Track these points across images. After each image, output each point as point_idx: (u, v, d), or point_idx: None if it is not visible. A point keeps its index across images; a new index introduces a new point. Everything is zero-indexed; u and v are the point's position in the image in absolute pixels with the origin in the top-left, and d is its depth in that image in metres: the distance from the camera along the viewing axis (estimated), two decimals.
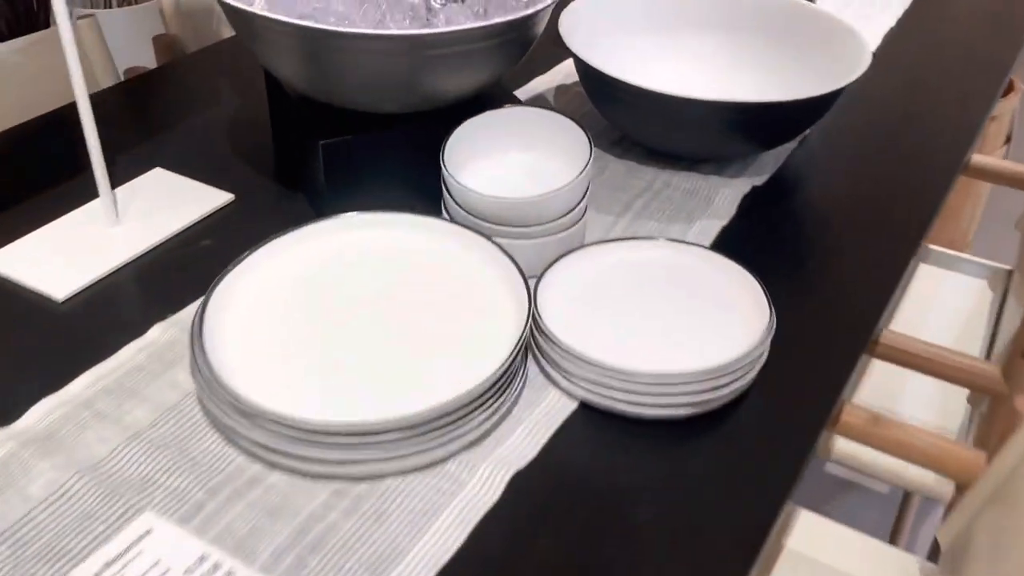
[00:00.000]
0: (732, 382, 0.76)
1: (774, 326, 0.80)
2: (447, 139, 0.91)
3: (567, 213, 0.89)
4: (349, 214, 0.88)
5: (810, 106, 1.01)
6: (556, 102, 1.25)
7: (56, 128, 1.14)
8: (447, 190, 0.90)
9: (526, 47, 0.95)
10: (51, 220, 0.96)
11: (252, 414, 0.68)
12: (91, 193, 1.01)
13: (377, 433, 0.68)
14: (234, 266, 0.81)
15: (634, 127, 1.07)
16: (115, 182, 1.04)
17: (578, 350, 0.76)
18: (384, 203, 0.97)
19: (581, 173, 0.87)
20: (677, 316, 0.82)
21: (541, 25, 0.95)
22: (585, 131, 0.92)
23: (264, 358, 0.75)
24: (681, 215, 1.02)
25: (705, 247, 0.88)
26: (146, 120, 1.17)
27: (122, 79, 1.42)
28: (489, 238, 0.85)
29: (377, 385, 0.73)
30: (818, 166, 1.13)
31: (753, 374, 0.78)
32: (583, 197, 0.91)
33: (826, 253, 0.98)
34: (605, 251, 0.88)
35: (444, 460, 0.72)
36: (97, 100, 1.22)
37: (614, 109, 1.07)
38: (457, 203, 0.89)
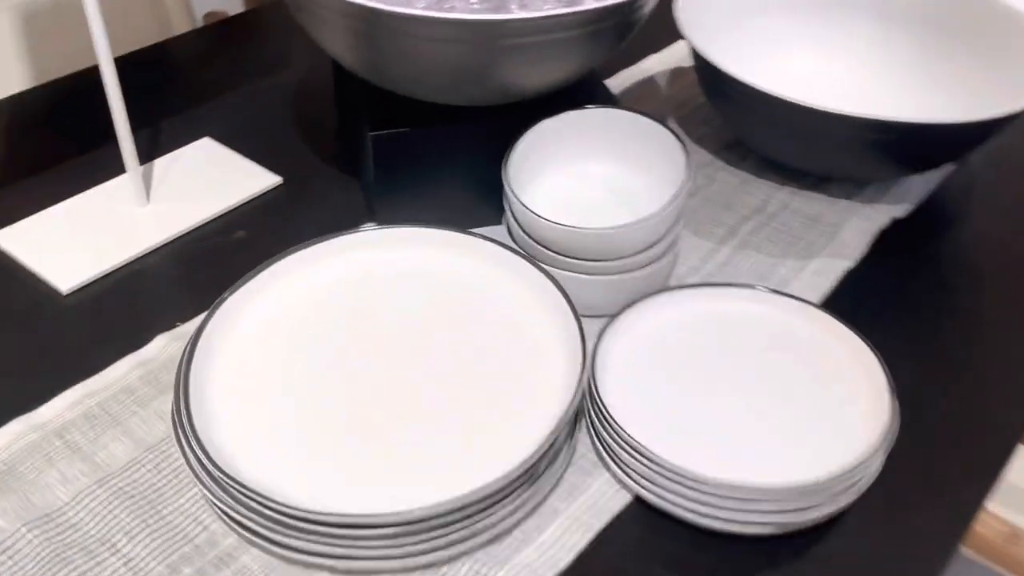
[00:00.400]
0: (829, 503, 0.60)
1: (896, 430, 0.62)
2: (512, 146, 0.75)
3: (649, 248, 0.72)
4: (376, 231, 0.74)
5: (981, 129, 0.81)
6: (667, 89, 1.07)
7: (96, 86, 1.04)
8: (508, 207, 0.75)
9: (625, 35, 0.78)
10: (75, 194, 0.86)
11: (228, 486, 0.56)
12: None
13: (372, 527, 0.55)
14: (235, 290, 0.68)
15: (753, 134, 0.89)
16: (159, 150, 0.93)
17: (636, 438, 0.61)
18: (441, 207, 0.83)
19: (672, 201, 0.71)
20: (770, 398, 0.65)
21: (648, 6, 0.78)
22: (684, 146, 0.75)
23: (255, 412, 0.62)
24: (797, 248, 0.84)
25: (817, 306, 0.70)
26: (207, 78, 1.06)
27: (199, 24, 1.31)
28: (548, 273, 0.70)
29: (383, 457, 0.60)
30: (980, 198, 0.92)
31: (858, 492, 0.61)
32: (672, 228, 0.74)
33: (979, 321, 0.78)
34: (690, 299, 0.72)
35: (453, 560, 0.59)
36: (157, 53, 1.11)
37: (731, 110, 0.89)
38: (518, 223, 0.74)
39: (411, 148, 0.78)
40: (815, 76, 1.02)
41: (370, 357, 0.66)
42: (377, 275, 0.72)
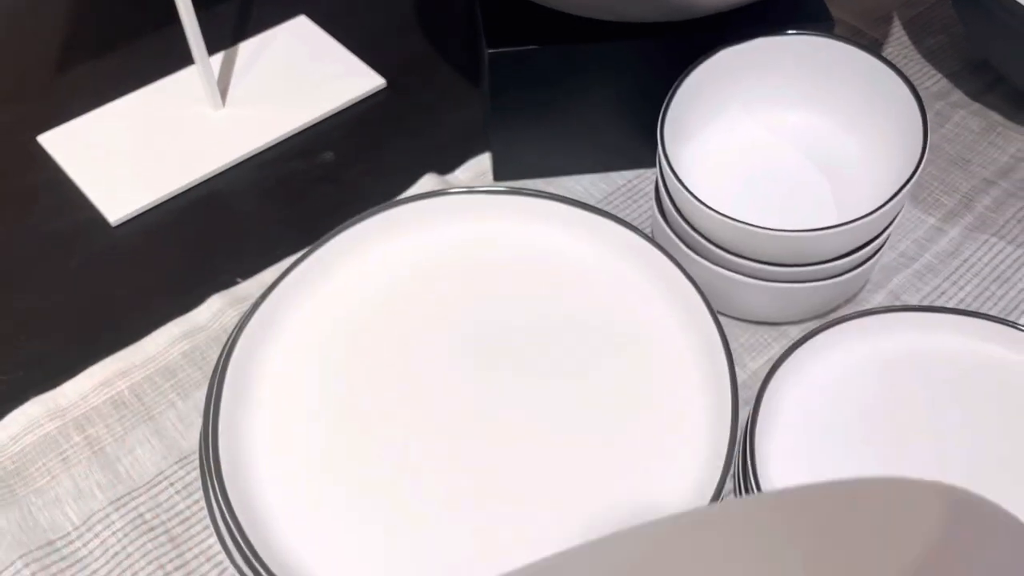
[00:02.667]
0: None
1: None
2: (676, 86, 0.55)
3: (851, 253, 0.52)
4: (461, 196, 0.55)
5: None
6: (902, 13, 0.81)
7: None
8: (661, 176, 0.55)
9: None
10: (136, 87, 0.71)
11: (256, 565, 0.42)
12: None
13: None
14: (269, 293, 0.51)
15: (1009, 52, 0.64)
16: (246, 28, 0.76)
17: None
18: (574, 146, 0.64)
19: (898, 192, 0.50)
20: (998, 477, 0.46)
21: None
22: (921, 104, 0.52)
23: (302, 471, 0.47)
24: None
25: None
26: None
27: None
28: (696, 285, 0.51)
29: (458, 536, 0.45)
30: None
31: None
32: (890, 225, 0.53)
33: None
34: (904, 327, 0.52)
35: None
36: None
37: (989, 33, 0.64)
38: (672, 202, 0.54)
39: (538, 71, 0.59)
40: None
41: (450, 385, 0.50)
42: (461, 259, 0.55)
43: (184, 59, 0.72)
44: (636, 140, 0.64)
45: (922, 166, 0.50)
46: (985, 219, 0.63)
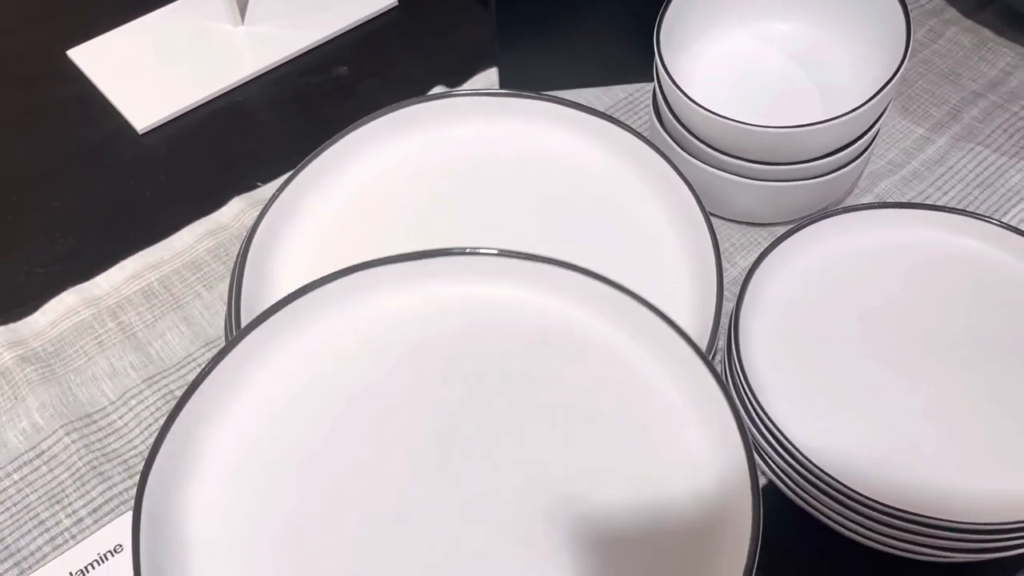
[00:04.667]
0: None
1: None
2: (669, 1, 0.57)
3: (838, 152, 0.55)
4: (458, 97, 0.58)
5: None
6: None
7: None
8: (657, 80, 0.58)
9: None
10: (159, 5, 0.74)
11: None
12: None
13: None
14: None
15: None
16: None
17: (789, 435, 0.47)
18: (579, 57, 0.66)
19: (883, 89, 0.52)
20: (988, 379, 0.49)
21: None
22: (906, 11, 0.55)
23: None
24: None
25: None
26: None
27: None
28: (689, 184, 0.54)
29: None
30: None
31: None
32: (874, 126, 0.56)
33: None
34: (883, 223, 0.55)
35: None
36: None
37: None
38: (668, 105, 0.57)
39: None
40: None
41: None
42: (468, 156, 0.57)
43: None
44: (637, 55, 0.66)
45: (904, 66, 0.53)
46: (972, 129, 0.65)
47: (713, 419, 0.44)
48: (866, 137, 0.56)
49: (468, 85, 0.69)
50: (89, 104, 0.69)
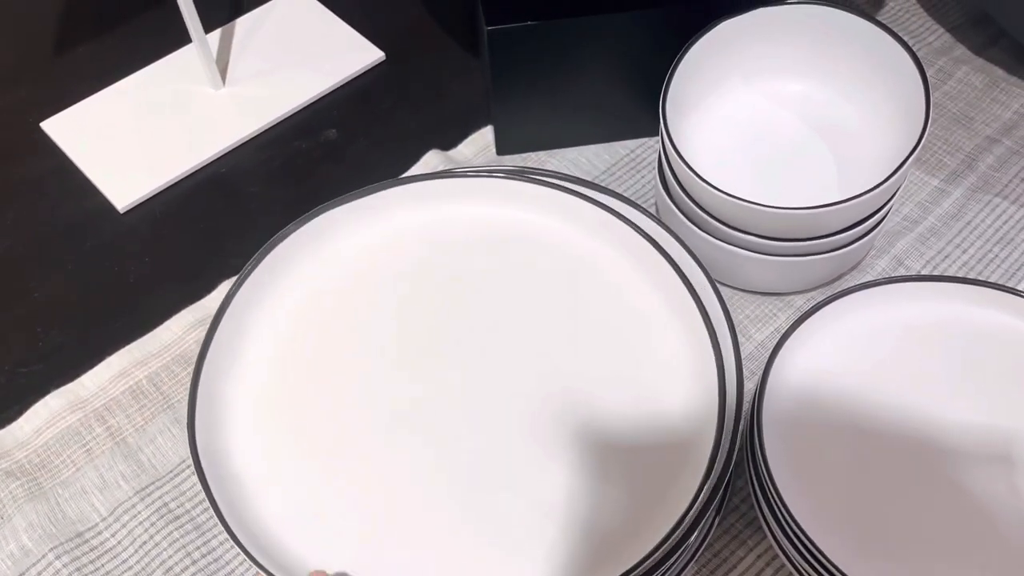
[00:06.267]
0: None
1: None
2: (678, 60, 0.55)
3: (853, 227, 0.53)
4: (443, 179, 0.54)
5: None
6: None
7: None
8: (663, 152, 0.55)
9: None
10: (136, 68, 0.71)
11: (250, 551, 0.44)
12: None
13: None
14: (256, 264, 0.52)
15: (1011, 4, 0.64)
16: (244, 4, 0.76)
17: (815, 539, 0.45)
18: (577, 118, 0.64)
19: (901, 166, 0.50)
20: (1000, 446, 0.47)
21: None
22: (923, 74, 0.52)
23: (292, 463, 0.47)
24: None
25: None
26: None
27: None
28: (690, 288, 0.50)
29: (451, 532, 0.46)
30: None
31: None
32: (892, 198, 0.54)
33: None
34: (908, 298, 0.52)
35: None
36: None
37: None
38: (676, 177, 0.54)
39: (538, 45, 0.59)
40: None
41: (438, 371, 0.50)
42: (450, 242, 0.54)
43: (182, 37, 0.71)
44: (638, 110, 0.64)
45: (924, 138, 0.50)
46: (988, 179, 0.63)
47: (689, 328, 0.49)
48: (884, 209, 0.53)
49: (463, 146, 0.66)
50: (66, 180, 0.65)
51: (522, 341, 0.51)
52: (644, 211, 0.53)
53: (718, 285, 0.51)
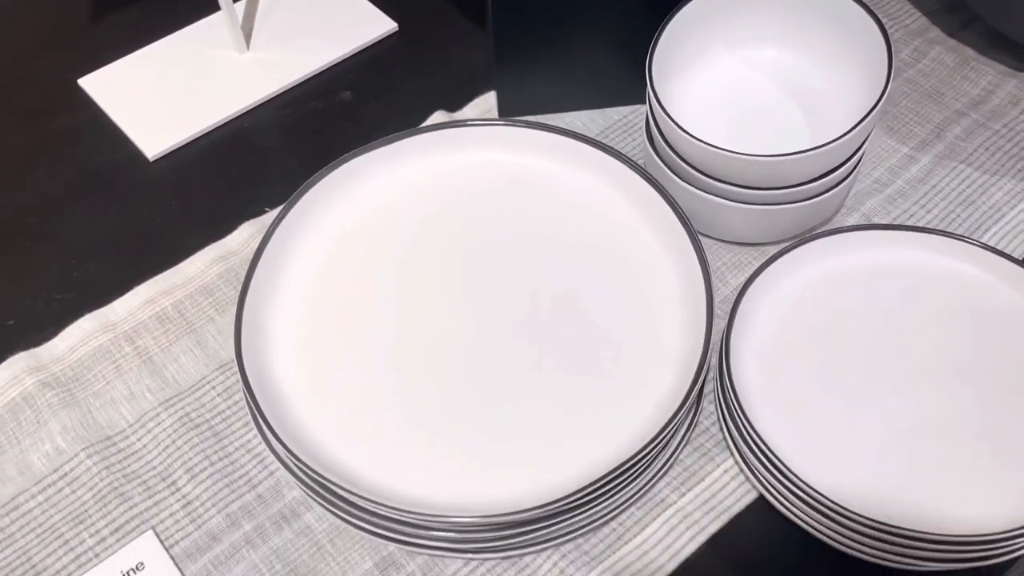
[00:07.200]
0: (1008, 553, 0.48)
1: None
2: (663, 25, 0.60)
3: (823, 176, 0.57)
4: (458, 129, 0.61)
5: None
6: None
7: None
8: (650, 109, 0.60)
9: None
10: (167, 32, 0.77)
11: (294, 464, 0.49)
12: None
13: (446, 529, 0.47)
14: (298, 198, 0.58)
15: (990, 4, 0.69)
16: None
17: (772, 444, 0.49)
18: (576, 81, 0.69)
19: (865, 118, 0.55)
20: (960, 399, 0.52)
21: None
22: (888, 41, 0.57)
23: (323, 360, 0.54)
24: None
25: None
26: None
27: None
28: (682, 217, 0.56)
29: (460, 430, 0.51)
30: None
31: None
32: (859, 151, 0.59)
33: None
34: (866, 244, 0.57)
35: (536, 552, 0.51)
36: None
37: None
38: (660, 132, 0.60)
39: (539, 12, 0.64)
40: None
41: (452, 295, 0.56)
42: (462, 187, 0.61)
43: (210, 5, 0.77)
44: (631, 77, 0.69)
45: (886, 95, 0.55)
46: (955, 148, 0.68)
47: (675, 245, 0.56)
48: (851, 161, 0.58)
49: (467, 109, 0.71)
50: (100, 132, 0.71)
51: (529, 266, 0.57)
52: (634, 164, 0.58)
53: (698, 235, 0.56)
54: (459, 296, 0.56)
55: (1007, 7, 0.68)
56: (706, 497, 0.53)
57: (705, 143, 0.55)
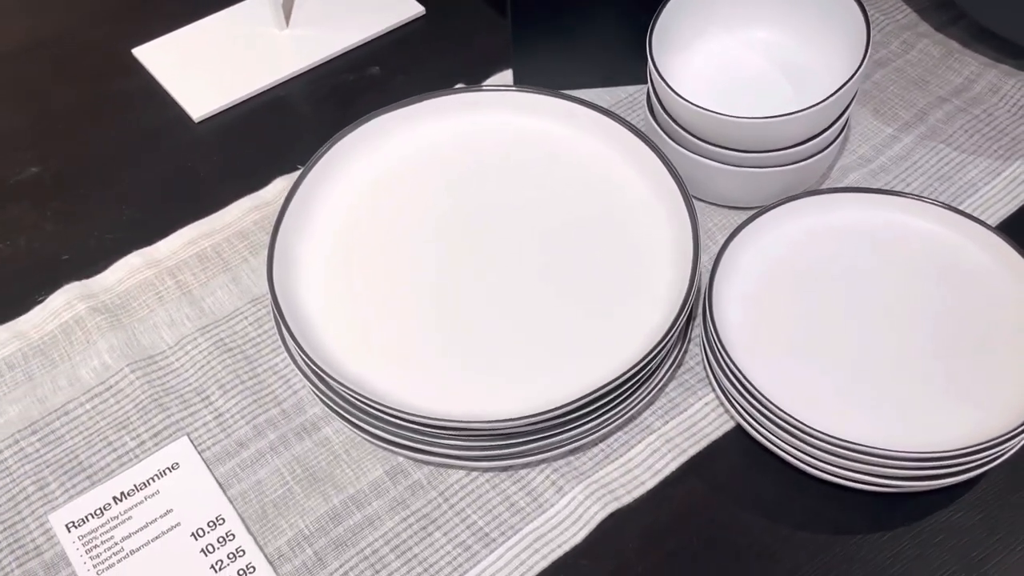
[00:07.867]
0: (986, 463, 0.52)
1: None
2: (662, 6, 0.66)
3: (808, 141, 0.63)
4: (473, 93, 0.68)
5: None
6: None
7: None
8: (649, 78, 0.66)
9: None
10: (213, 11, 0.84)
11: (314, 371, 0.55)
12: None
13: (453, 431, 0.53)
14: (332, 145, 0.64)
15: (976, 2, 0.74)
16: None
17: (749, 375, 0.55)
18: (589, 60, 0.75)
19: (842, 88, 0.60)
20: (920, 341, 0.57)
21: None
22: (867, 21, 0.63)
23: (346, 288, 0.60)
24: (999, 144, 0.72)
25: (1007, 241, 0.59)
26: None
27: None
28: (672, 171, 0.62)
29: (472, 346, 0.57)
30: None
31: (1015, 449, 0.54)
32: (840, 118, 0.64)
33: None
34: (842, 205, 0.62)
35: (532, 464, 0.57)
36: None
37: None
38: (658, 99, 0.65)
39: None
40: None
41: (465, 238, 0.62)
42: (477, 144, 0.67)
43: None
44: (639, 60, 0.74)
45: (863, 65, 0.60)
46: (936, 129, 0.73)
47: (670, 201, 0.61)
48: (834, 127, 0.63)
49: (486, 84, 0.78)
50: (151, 96, 0.78)
51: (537, 216, 0.63)
52: (634, 128, 0.64)
53: (690, 194, 0.62)
54: (471, 238, 0.62)
55: (996, 2, 0.73)
56: (687, 425, 0.58)
57: (699, 106, 0.61)
